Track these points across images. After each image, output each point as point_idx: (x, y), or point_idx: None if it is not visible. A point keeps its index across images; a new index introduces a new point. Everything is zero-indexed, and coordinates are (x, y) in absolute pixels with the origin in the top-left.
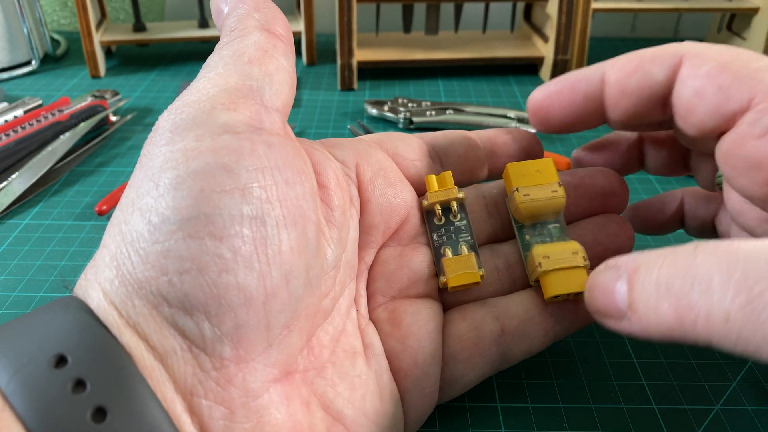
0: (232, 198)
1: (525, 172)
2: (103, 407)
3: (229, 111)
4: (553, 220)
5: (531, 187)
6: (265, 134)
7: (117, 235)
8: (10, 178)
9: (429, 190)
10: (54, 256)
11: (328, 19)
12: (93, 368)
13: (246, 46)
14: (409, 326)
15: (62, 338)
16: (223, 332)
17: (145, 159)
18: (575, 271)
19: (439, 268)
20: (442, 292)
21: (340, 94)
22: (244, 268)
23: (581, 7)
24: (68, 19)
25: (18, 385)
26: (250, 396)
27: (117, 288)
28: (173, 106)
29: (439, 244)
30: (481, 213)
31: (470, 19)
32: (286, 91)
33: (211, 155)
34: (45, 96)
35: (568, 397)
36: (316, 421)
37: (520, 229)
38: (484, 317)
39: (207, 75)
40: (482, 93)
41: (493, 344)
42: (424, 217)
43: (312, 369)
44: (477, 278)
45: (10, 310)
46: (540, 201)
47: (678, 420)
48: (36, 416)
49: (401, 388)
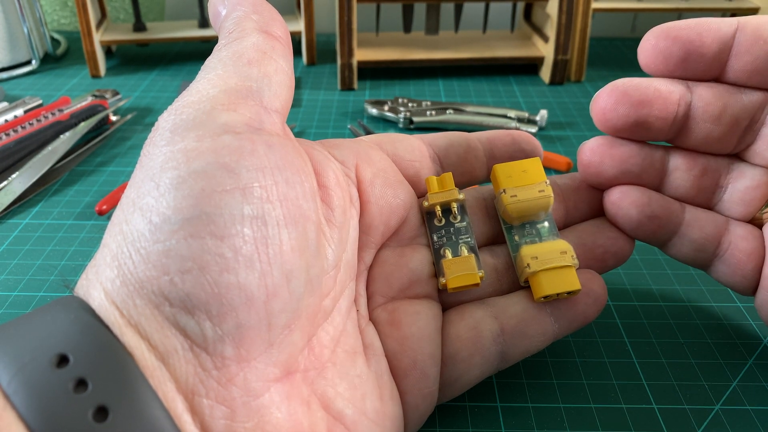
0: (233, 197)
1: (512, 172)
2: (104, 406)
3: (229, 112)
4: (542, 219)
5: (518, 188)
6: (265, 134)
7: (118, 234)
8: (10, 177)
9: (429, 191)
10: (54, 256)
11: (328, 19)
12: (94, 368)
13: (245, 47)
14: (409, 327)
15: (64, 338)
16: (224, 331)
17: (146, 159)
18: (564, 271)
19: (438, 269)
20: (441, 293)
21: (340, 94)
22: (245, 267)
23: (581, 7)
24: (68, 18)
25: (19, 385)
26: (251, 395)
27: (118, 288)
28: (173, 107)
29: (438, 245)
30: (480, 214)
31: (470, 19)
32: (285, 92)
33: (212, 155)
34: (45, 96)
35: (568, 397)
36: (317, 420)
37: (509, 230)
38: (483, 317)
39: (206, 76)
40: (482, 93)
41: (493, 344)
42: (424, 218)
43: (313, 369)
44: (476, 280)
45: (10, 309)
46: (527, 201)
47: (678, 420)
48: (37, 416)
49: (401, 388)
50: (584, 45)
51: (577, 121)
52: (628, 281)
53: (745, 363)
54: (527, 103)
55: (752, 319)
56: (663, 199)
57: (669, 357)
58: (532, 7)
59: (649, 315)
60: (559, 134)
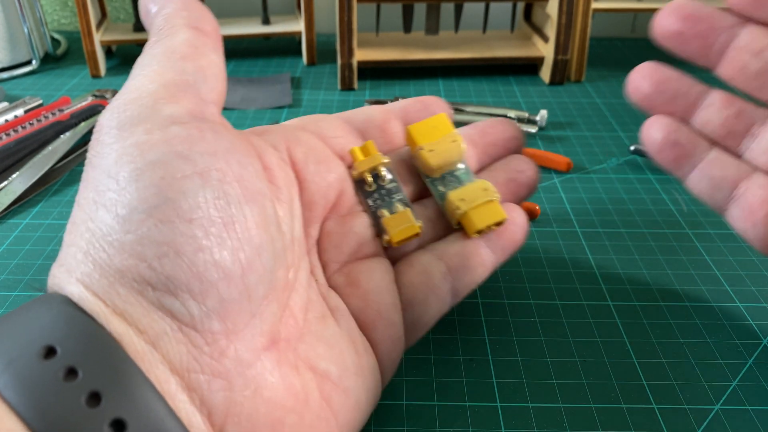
0: (192, 182)
1: (424, 130)
2: (96, 392)
3: (171, 104)
4: (458, 167)
5: (433, 143)
6: (209, 122)
7: (85, 232)
8: (10, 177)
9: (355, 161)
10: (54, 256)
11: (328, 19)
12: (83, 356)
13: (176, 43)
14: (367, 283)
15: (49, 330)
16: (209, 308)
17: (97, 158)
18: (490, 205)
19: (380, 229)
20: (387, 249)
21: (341, 94)
22: (217, 245)
23: (581, 7)
24: (69, 18)
25: (9, 379)
26: (244, 365)
27: (98, 280)
28: (114, 106)
29: (375, 208)
30: (405, 174)
31: (470, 19)
32: (219, 85)
33: (165, 145)
34: (45, 95)
35: (568, 397)
36: (307, 381)
37: (433, 182)
38: (429, 260)
39: (141, 73)
40: (482, 93)
41: (443, 282)
42: (357, 187)
43: (292, 337)
44: (417, 230)
45: (10, 309)
46: (444, 152)
47: (678, 420)
48: (30, 406)
49: (371, 339)
50: (584, 45)
51: (577, 121)
52: (629, 281)
53: (745, 363)
54: (527, 103)
55: (752, 319)
56: (690, 133)
57: (669, 357)
58: (532, 7)
59: (649, 315)
60: (559, 134)
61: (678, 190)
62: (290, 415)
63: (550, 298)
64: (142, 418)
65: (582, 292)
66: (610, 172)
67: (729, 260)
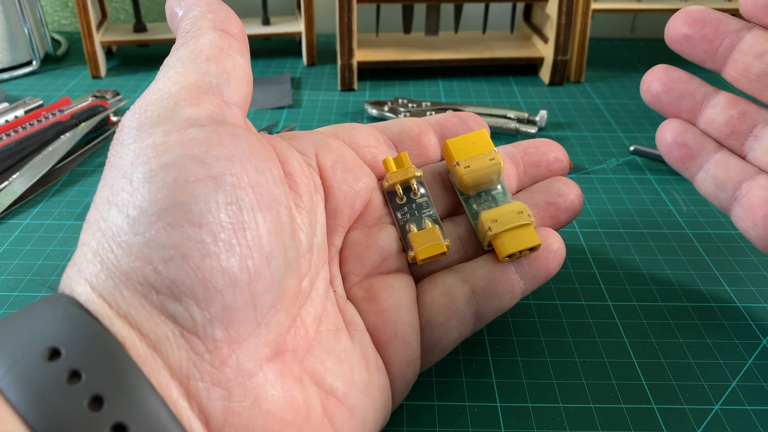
0: (206, 186)
1: (462, 145)
2: (99, 396)
3: (192, 106)
4: (495, 185)
5: (470, 159)
6: (229, 126)
7: (96, 232)
8: (11, 178)
9: (387, 172)
10: (55, 256)
11: (328, 19)
12: (87, 359)
13: (202, 45)
14: (386, 300)
15: (54, 332)
16: (212, 315)
17: (114, 158)
18: (524, 229)
19: (406, 244)
20: (412, 266)
21: (340, 95)
22: (225, 251)
23: (581, 8)
24: (69, 19)
25: (13, 380)
26: (245, 375)
27: (104, 281)
28: (136, 106)
29: (403, 222)
30: (438, 189)
31: (470, 19)
32: (243, 87)
33: (181, 148)
34: (46, 96)
35: (568, 397)
36: (310, 395)
37: (467, 200)
38: (453, 282)
39: (166, 74)
40: (482, 93)
41: (466, 306)
42: (387, 199)
43: (300, 348)
44: (443, 249)
45: (10, 309)
46: (480, 170)
47: (678, 420)
48: (33, 408)
49: (385, 358)
50: (584, 45)
51: (577, 122)
52: (628, 281)
53: (745, 363)
54: (527, 103)
55: (752, 319)
56: (698, 135)
57: (669, 357)
58: (531, 8)
59: (649, 315)
60: (559, 135)
61: (677, 190)
62: (289, 428)
63: (549, 298)
64: (144, 423)
65: (582, 292)
66: (610, 173)
67: (728, 260)
